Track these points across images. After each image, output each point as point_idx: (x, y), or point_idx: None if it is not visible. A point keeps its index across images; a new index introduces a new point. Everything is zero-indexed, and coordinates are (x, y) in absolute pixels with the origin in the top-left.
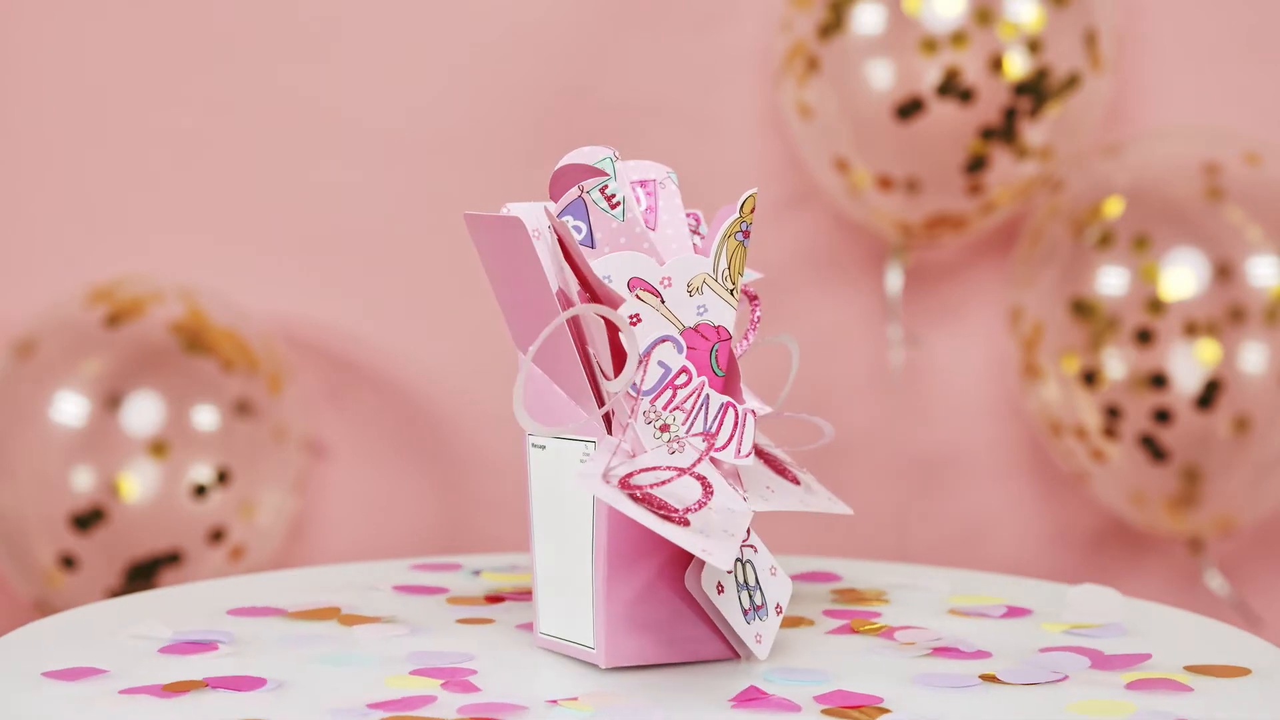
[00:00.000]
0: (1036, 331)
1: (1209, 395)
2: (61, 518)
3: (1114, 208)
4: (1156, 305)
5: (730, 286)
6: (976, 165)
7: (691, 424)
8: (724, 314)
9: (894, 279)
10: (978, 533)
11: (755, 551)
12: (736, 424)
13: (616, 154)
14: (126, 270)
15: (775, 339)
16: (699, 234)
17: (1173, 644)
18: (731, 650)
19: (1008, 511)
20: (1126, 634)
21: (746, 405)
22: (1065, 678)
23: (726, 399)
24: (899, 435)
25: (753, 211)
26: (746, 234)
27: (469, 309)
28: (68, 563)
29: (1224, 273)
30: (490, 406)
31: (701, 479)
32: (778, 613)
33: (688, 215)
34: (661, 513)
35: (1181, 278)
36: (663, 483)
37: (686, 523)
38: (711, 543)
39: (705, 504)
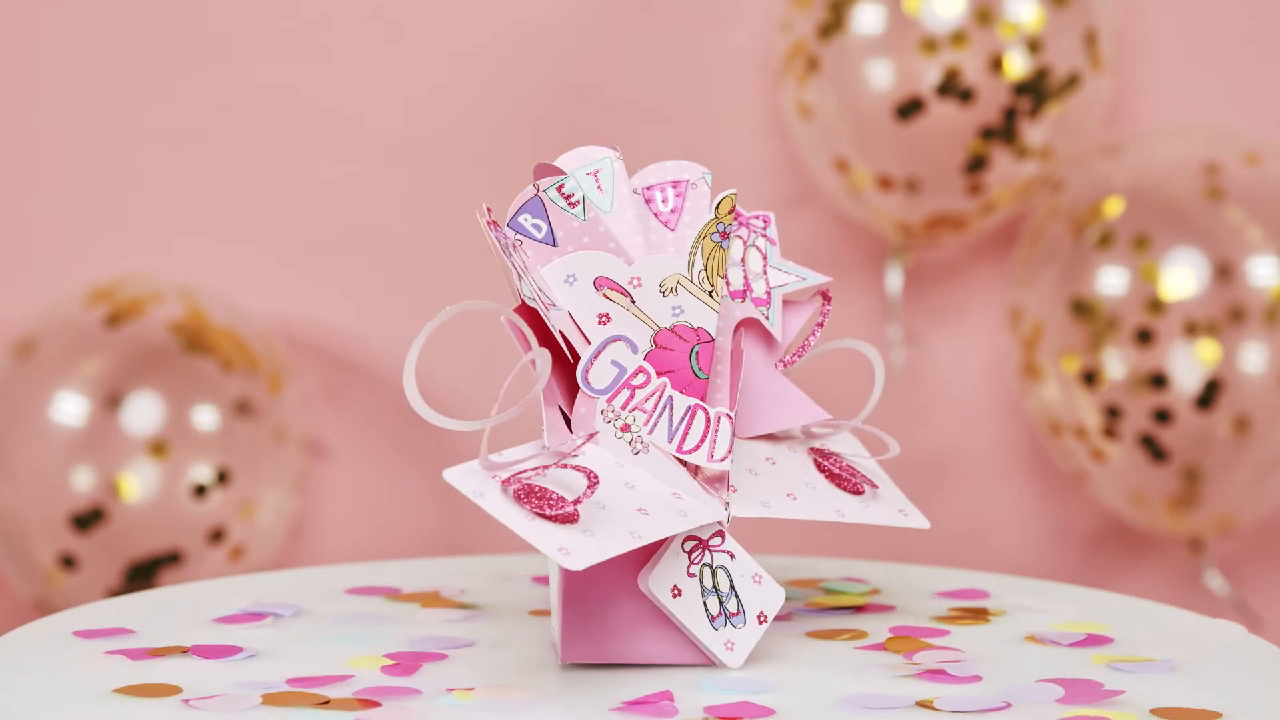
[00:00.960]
0: (1036, 331)
1: (1209, 395)
2: (61, 518)
3: (1114, 208)
4: (1156, 305)
5: (709, 288)
6: (976, 165)
7: (654, 425)
8: (703, 315)
9: (894, 279)
10: (978, 533)
11: (732, 558)
12: (708, 427)
13: (619, 154)
14: (126, 270)
15: (845, 343)
16: (766, 236)
17: (1188, 684)
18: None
19: (1008, 511)
20: (1174, 670)
21: (720, 410)
22: (1005, 707)
23: (694, 401)
24: (899, 435)
25: (730, 212)
26: (725, 235)
27: (469, 309)
28: (68, 563)
29: (1224, 273)
30: (490, 406)
31: (586, 471)
32: (760, 621)
33: (757, 217)
34: (538, 507)
35: (1181, 278)
36: (538, 471)
37: (573, 518)
38: (580, 540)
39: (584, 499)
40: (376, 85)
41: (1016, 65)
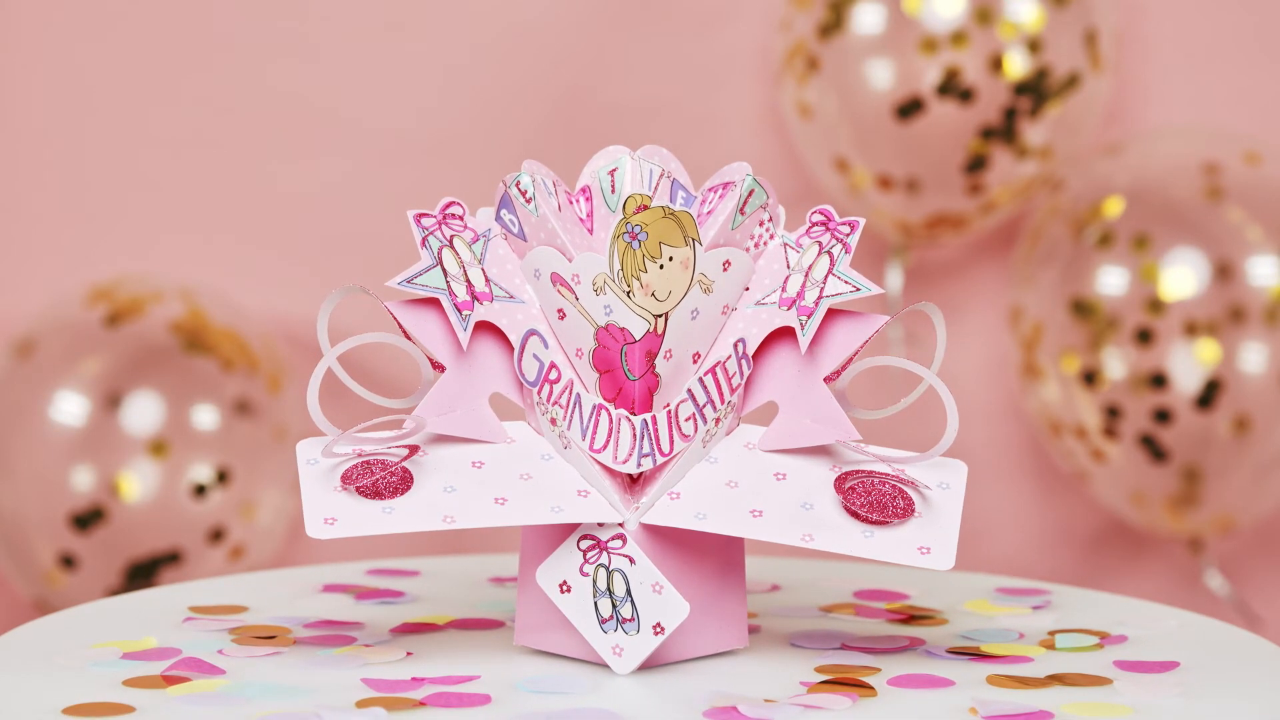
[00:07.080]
0: (1036, 331)
1: (1209, 395)
2: (61, 517)
3: (1114, 208)
4: (1156, 305)
5: (626, 289)
6: (976, 165)
7: (570, 421)
8: (627, 316)
9: (894, 279)
10: (978, 533)
11: (631, 563)
12: (612, 428)
13: (633, 155)
14: (126, 270)
15: (891, 361)
16: (845, 243)
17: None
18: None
19: (1008, 511)
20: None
21: (621, 412)
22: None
23: (598, 401)
24: (899, 435)
25: (639, 211)
26: (634, 235)
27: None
28: (68, 562)
29: (1224, 273)
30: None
31: (409, 447)
32: (656, 633)
33: (846, 222)
34: (350, 479)
35: (1181, 278)
36: (382, 448)
37: (378, 492)
38: (363, 514)
39: (378, 472)
40: (376, 85)
41: (1016, 65)
